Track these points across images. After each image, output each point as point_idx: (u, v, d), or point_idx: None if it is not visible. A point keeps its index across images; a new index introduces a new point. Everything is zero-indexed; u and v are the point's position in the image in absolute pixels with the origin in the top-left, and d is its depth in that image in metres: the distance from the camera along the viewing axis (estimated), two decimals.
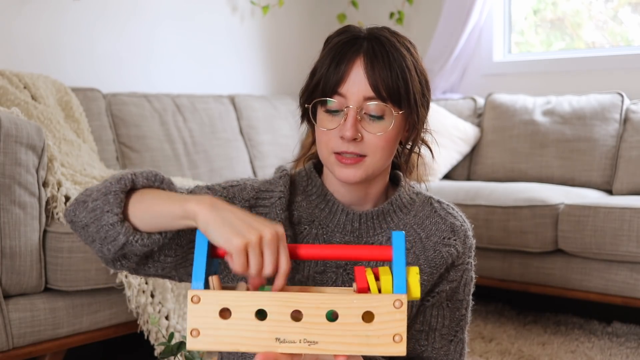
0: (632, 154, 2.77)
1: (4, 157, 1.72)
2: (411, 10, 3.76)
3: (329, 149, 1.07)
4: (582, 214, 2.36)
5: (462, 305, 1.16)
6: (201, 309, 0.87)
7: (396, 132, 1.07)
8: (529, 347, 2.32)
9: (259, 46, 3.60)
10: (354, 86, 1.04)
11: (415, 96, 1.06)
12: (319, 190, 1.15)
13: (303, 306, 0.86)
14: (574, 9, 3.39)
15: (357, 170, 1.06)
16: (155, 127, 2.82)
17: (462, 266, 1.14)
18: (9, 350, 1.78)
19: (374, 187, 1.14)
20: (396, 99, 1.04)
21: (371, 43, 1.05)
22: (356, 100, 1.04)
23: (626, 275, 2.30)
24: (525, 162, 3.02)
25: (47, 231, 1.84)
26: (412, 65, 1.07)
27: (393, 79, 1.03)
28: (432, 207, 1.16)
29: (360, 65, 1.04)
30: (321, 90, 1.06)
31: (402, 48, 1.06)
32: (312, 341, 0.86)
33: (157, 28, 3.15)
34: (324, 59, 1.07)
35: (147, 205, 0.98)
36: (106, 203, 0.98)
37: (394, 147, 1.10)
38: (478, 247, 2.61)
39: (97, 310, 1.94)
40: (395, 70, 1.04)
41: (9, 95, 2.23)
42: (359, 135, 1.04)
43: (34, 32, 2.73)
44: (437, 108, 3.29)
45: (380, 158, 1.07)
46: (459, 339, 1.17)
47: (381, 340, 0.86)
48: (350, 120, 1.03)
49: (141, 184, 1.01)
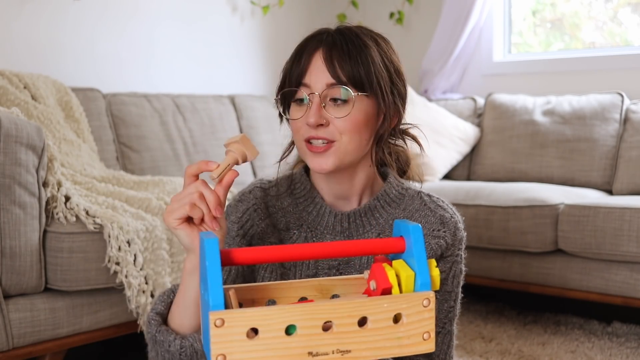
0: (632, 154, 2.77)
1: (4, 157, 1.72)
2: (411, 10, 3.76)
3: (300, 137, 1.11)
4: (582, 214, 2.36)
5: (451, 297, 1.16)
6: (226, 332, 0.78)
7: (363, 116, 1.09)
8: (529, 347, 2.32)
9: (259, 46, 3.60)
10: (316, 75, 1.08)
11: (380, 82, 1.09)
12: (307, 194, 1.17)
13: (334, 316, 0.82)
14: (573, 10, 3.39)
15: (328, 158, 1.09)
16: (155, 127, 2.82)
17: (451, 258, 1.15)
18: (9, 350, 1.78)
19: (356, 180, 1.16)
20: (357, 82, 1.08)
21: (332, 35, 1.11)
22: (319, 88, 1.08)
23: (626, 275, 2.30)
24: (525, 162, 3.02)
25: (47, 231, 1.84)
26: (377, 53, 1.10)
27: (352, 64, 1.07)
28: (421, 200, 1.17)
29: (320, 55, 1.09)
30: (288, 82, 1.11)
31: (365, 38, 1.11)
32: (345, 350, 0.83)
33: (157, 28, 3.15)
34: (290, 56, 1.14)
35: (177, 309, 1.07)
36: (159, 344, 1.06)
37: (365, 133, 1.11)
38: (478, 247, 2.61)
39: (97, 310, 1.94)
40: (353, 55, 1.08)
41: (9, 95, 2.23)
42: (325, 121, 1.08)
43: (34, 32, 2.73)
44: (437, 108, 3.29)
45: (350, 141, 1.09)
46: (447, 331, 1.17)
47: (412, 340, 0.84)
48: (314, 106, 1.08)
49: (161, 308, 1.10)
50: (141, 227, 1.91)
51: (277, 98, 1.14)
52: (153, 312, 1.09)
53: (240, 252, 0.85)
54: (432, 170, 3.13)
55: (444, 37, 3.47)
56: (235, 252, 0.84)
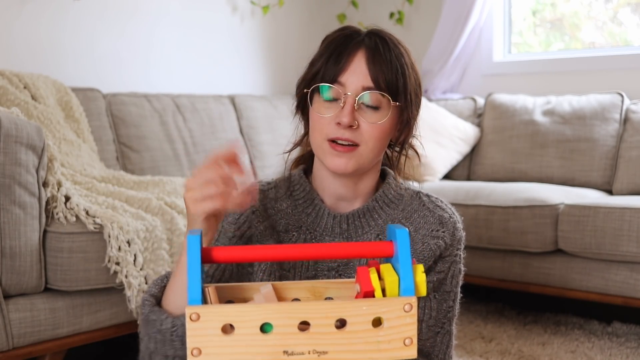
0: (632, 154, 2.77)
1: (4, 157, 1.72)
2: (411, 10, 3.76)
3: (323, 135, 1.09)
4: (582, 214, 2.36)
5: (450, 297, 1.16)
6: (201, 327, 0.79)
7: (390, 125, 1.10)
8: (529, 347, 2.32)
9: (259, 46, 3.60)
10: (354, 76, 1.07)
11: (412, 94, 1.10)
12: (306, 195, 1.17)
13: (310, 316, 0.81)
14: (573, 10, 3.39)
15: (350, 160, 1.08)
16: (155, 127, 2.82)
17: (450, 258, 1.15)
18: (8, 350, 1.78)
19: (363, 183, 1.16)
20: (394, 91, 1.08)
21: (373, 38, 1.10)
22: (355, 89, 1.07)
23: (626, 275, 2.30)
24: (525, 162, 3.02)
25: (47, 231, 1.84)
26: (410, 63, 1.11)
27: (392, 72, 1.07)
28: (420, 201, 1.17)
29: (362, 56, 1.08)
30: (321, 78, 1.09)
31: (400, 46, 1.12)
32: (322, 351, 0.82)
33: (157, 28, 3.15)
34: (324, 51, 1.10)
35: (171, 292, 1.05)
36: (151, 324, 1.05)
37: (386, 141, 1.12)
38: (478, 247, 2.61)
39: (97, 310, 1.94)
40: (395, 64, 1.08)
41: (9, 95, 2.23)
42: (355, 123, 1.07)
43: (34, 32, 2.73)
44: (437, 108, 3.29)
45: (373, 149, 1.09)
46: (446, 331, 1.17)
47: (392, 345, 0.82)
48: (348, 106, 1.06)
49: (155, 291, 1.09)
50: (141, 227, 1.91)
51: (306, 90, 1.11)
52: (147, 294, 1.09)
53: (221, 250, 0.84)
54: (432, 170, 3.13)
55: (444, 37, 3.47)
56: (215, 250, 0.84)
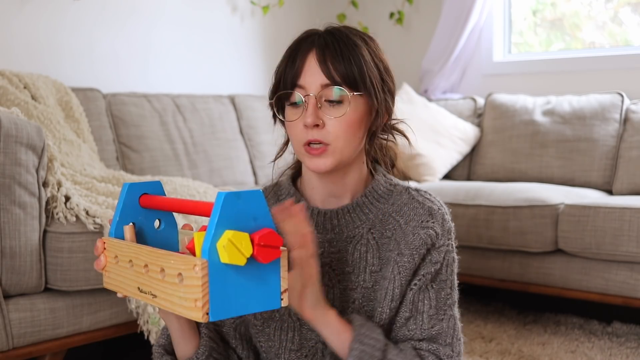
0: (632, 154, 2.77)
1: (4, 157, 1.72)
2: (411, 10, 3.76)
3: (298, 140, 1.13)
4: (582, 214, 2.36)
5: (447, 284, 1.18)
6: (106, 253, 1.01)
7: (358, 115, 1.13)
8: (529, 347, 2.32)
9: (259, 46, 3.60)
10: (311, 76, 1.11)
11: (372, 80, 1.12)
12: (293, 198, 1.21)
13: (147, 261, 0.90)
14: (573, 10, 3.39)
15: (327, 159, 1.12)
16: (155, 127, 2.82)
17: (443, 247, 1.17)
18: (8, 350, 1.79)
19: (349, 177, 1.18)
20: (351, 82, 1.11)
21: (323, 36, 1.13)
22: (314, 89, 1.11)
23: (626, 275, 2.30)
24: (525, 162, 3.02)
25: (47, 231, 1.84)
26: (367, 52, 1.13)
27: (345, 64, 1.10)
28: (409, 194, 1.20)
29: (314, 56, 1.11)
30: (283, 85, 1.13)
31: (355, 38, 1.14)
32: (154, 295, 0.89)
33: (156, 28, 3.15)
34: (283, 58, 1.15)
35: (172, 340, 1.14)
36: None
37: (359, 132, 1.14)
38: (478, 247, 2.61)
39: (97, 310, 1.94)
40: (346, 55, 1.10)
41: (9, 95, 2.23)
42: (321, 122, 1.10)
43: (33, 32, 2.73)
44: (437, 108, 3.29)
45: (346, 143, 1.12)
46: (449, 316, 1.18)
47: (188, 303, 0.83)
48: (310, 107, 1.10)
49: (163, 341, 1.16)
50: None
51: (272, 101, 1.16)
52: (156, 345, 1.17)
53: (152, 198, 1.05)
54: (432, 170, 3.13)
55: (444, 37, 3.47)
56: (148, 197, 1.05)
